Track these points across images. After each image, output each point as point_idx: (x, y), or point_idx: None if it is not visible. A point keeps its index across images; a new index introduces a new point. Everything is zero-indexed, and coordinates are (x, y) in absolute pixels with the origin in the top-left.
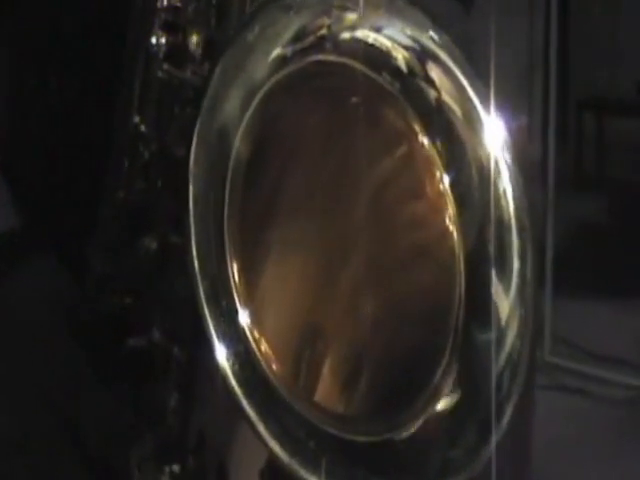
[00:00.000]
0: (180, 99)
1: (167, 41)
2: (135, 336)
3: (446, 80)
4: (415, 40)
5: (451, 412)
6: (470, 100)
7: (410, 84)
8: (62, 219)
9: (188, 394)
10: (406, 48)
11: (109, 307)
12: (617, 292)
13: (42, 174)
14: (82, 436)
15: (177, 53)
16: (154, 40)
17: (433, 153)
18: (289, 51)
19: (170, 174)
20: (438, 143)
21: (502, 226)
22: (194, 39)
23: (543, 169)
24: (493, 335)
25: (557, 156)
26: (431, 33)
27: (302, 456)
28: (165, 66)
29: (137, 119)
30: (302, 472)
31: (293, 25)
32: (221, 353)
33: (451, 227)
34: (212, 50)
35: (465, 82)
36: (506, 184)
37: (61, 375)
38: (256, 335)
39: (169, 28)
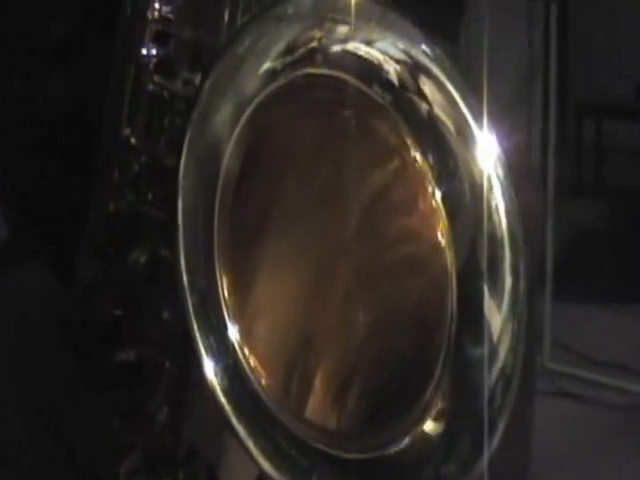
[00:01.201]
0: (170, 111)
1: (157, 53)
2: (125, 348)
3: (438, 94)
4: (407, 53)
5: (443, 427)
6: (462, 114)
7: (402, 97)
8: (51, 228)
9: (178, 407)
10: (398, 61)
11: (98, 318)
12: (617, 298)
13: (32, 183)
14: (71, 448)
15: (167, 65)
16: (144, 51)
17: (425, 167)
18: (279, 64)
19: (160, 186)
20: (430, 157)
21: (494, 242)
22: (185, 51)
23: (542, 174)
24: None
25: (556, 161)
26: (423, 47)
27: (292, 472)
28: (155, 78)
29: (127, 131)
30: None
31: (283, 38)
32: (209, 368)
33: (443, 241)
34: (203, 62)
35: (457, 96)
36: (499, 200)
37: (49, 385)
38: (246, 350)
39: (160, 39)
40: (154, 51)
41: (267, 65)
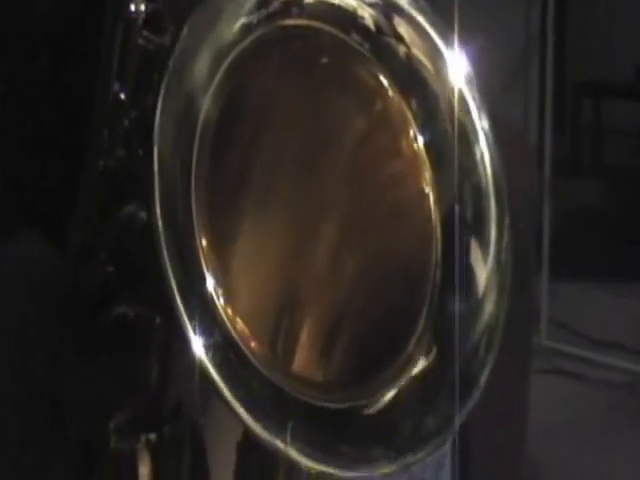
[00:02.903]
0: (159, 66)
1: (146, 7)
2: (117, 305)
3: (414, 34)
4: None
5: (424, 380)
6: (439, 52)
7: (379, 42)
8: (43, 188)
9: (167, 364)
10: (370, 5)
11: (91, 276)
12: (614, 277)
13: (22, 144)
14: (60, 406)
15: (156, 19)
16: (133, 7)
17: (407, 112)
18: (254, 18)
19: (149, 142)
20: (412, 102)
21: (479, 192)
22: (173, 6)
23: (540, 154)
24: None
25: (554, 141)
26: None
27: (270, 421)
28: (144, 33)
29: (116, 86)
30: (266, 435)
31: None
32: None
33: (427, 189)
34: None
35: (433, 33)
36: (484, 149)
37: (39, 346)
38: (229, 309)
39: None
40: (142, 7)
41: (242, 20)
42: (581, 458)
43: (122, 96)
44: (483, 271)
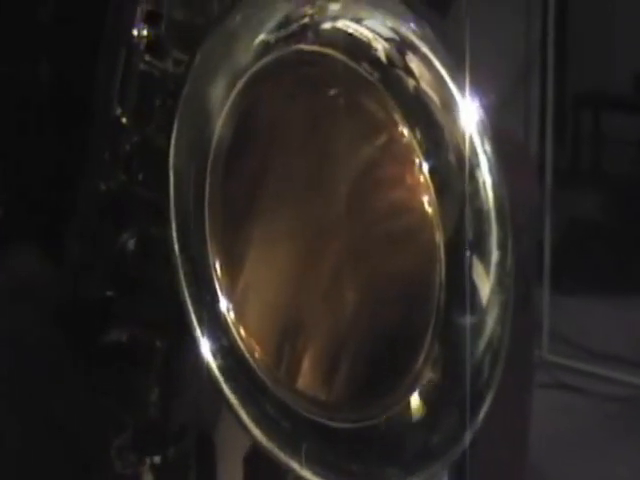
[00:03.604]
0: (161, 91)
1: (148, 33)
2: (116, 329)
3: (425, 70)
4: (395, 31)
5: (432, 398)
6: (449, 89)
7: (389, 74)
8: (42, 208)
9: (170, 386)
10: (386, 39)
11: (89, 298)
12: (615, 290)
13: (22, 163)
14: (62, 426)
15: (158, 45)
16: (135, 32)
17: (412, 141)
18: (273, 38)
19: (151, 166)
20: (417, 131)
21: (481, 217)
22: (176, 31)
23: (540, 164)
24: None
25: (554, 151)
26: (411, 25)
27: (282, 441)
28: (146, 57)
29: (118, 111)
30: (282, 456)
31: (277, 13)
32: (205, 346)
33: (431, 214)
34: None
35: (444, 72)
36: (486, 175)
37: (41, 364)
38: (239, 327)
39: (150, 19)
40: (145, 31)
41: (261, 37)
42: (583, 471)
43: (124, 120)
44: (486, 289)
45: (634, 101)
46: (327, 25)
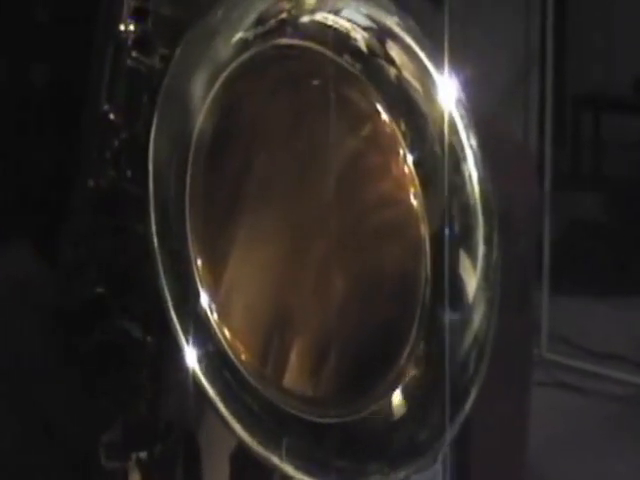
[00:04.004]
0: (148, 87)
1: (135, 28)
2: (109, 324)
3: (406, 57)
4: (373, 19)
5: (417, 392)
6: (431, 76)
7: (371, 64)
8: (34, 206)
9: (160, 382)
10: (365, 28)
11: (81, 295)
12: (614, 289)
13: (14, 161)
14: (51, 422)
15: (145, 41)
16: (122, 27)
17: (397, 133)
18: (251, 35)
19: (140, 162)
20: (402, 122)
21: (468, 211)
22: (163, 27)
23: (540, 165)
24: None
25: (554, 153)
26: (391, 12)
27: (266, 437)
28: (134, 54)
29: (106, 107)
30: (262, 451)
31: (255, 9)
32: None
33: (416, 207)
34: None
35: (425, 58)
36: (472, 169)
37: (32, 361)
38: (223, 328)
39: (138, 15)
40: (132, 27)
41: (239, 35)
42: (582, 470)
43: (112, 116)
44: (472, 284)
45: (634, 102)
46: (305, 19)
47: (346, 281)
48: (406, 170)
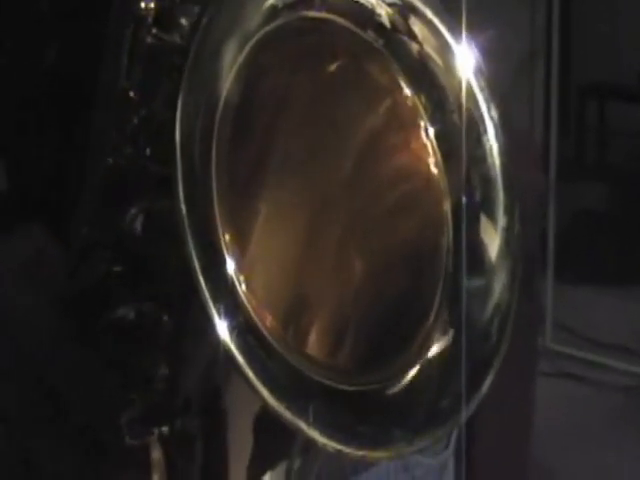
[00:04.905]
0: (168, 63)
1: (155, 5)
2: (124, 303)
3: (428, 33)
4: None
5: (440, 361)
6: (452, 50)
7: (393, 39)
8: (48, 185)
9: (176, 360)
10: (389, 4)
11: (96, 275)
12: (619, 279)
13: (27, 140)
14: (71, 402)
15: (166, 17)
16: (142, 4)
17: (417, 105)
18: (280, 2)
19: (159, 140)
20: (422, 95)
21: (488, 183)
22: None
23: (545, 155)
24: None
25: (559, 143)
26: None
27: (290, 401)
28: (154, 31)
29: (125, 84)
30: (289, 415)
31: None
32: (217, 316)
33: (438, 178)
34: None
35: (447, 34)
36: (492, 141)
37: (49, 342)
38: (250, 297)
39: None
40: (152, 4)
41: (270, 1)
42: (586, 460)
43: (131, 94)
44: (493, 250)
45: (639, 93)
46: None
47: (368, 251)
48: (427, 143)
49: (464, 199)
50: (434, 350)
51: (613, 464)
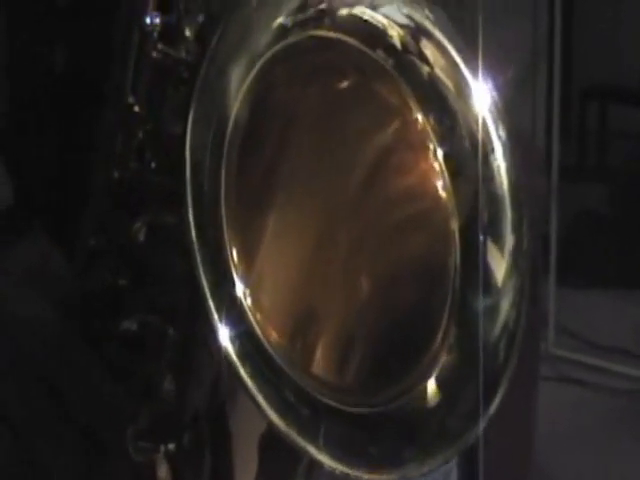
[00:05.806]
0: (174, 79)
1: (161, 20)
2: (128, 317)
3: (439, 56)
4: (410, 18)
5: (448, 380)
6: (462, 74)
7: (404, 60)
8: (54, 196)
9: (183, 374)
10: (401, 26)
11: (101, 286)
12: (620, 283)
13: (35, 150)
14: (76, 415)
15: (171, 32)
16: (148, 19)
17: (426, 127)
18: (290, 21)
19: (164, 154)
20: (431, 117)
21: (496, 202)
22: (189, 18)
23: (547, 158)
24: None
25: (561, 146)
26: (426, 10)
27: (299, 425)
28: (159, 46)
29: (131, 99)
30: (300, 441)
31: None
32: (223, 332)
33: (446, 199)
34: (206, 30)
35: (458, 58)
36: (500, 160)
37: (54, 354)
38: (256, 312)
39: (164, 7)
40: (158, 19)
41: (279, 20)
42: (588, 465)
43: (136, 108)
44: (501, 271)
45: None
46: (344, 11)
47: (375, 270)
48: (436, 164)
49: (478, 221)
50: (443, 369)
51: (616, 468)
